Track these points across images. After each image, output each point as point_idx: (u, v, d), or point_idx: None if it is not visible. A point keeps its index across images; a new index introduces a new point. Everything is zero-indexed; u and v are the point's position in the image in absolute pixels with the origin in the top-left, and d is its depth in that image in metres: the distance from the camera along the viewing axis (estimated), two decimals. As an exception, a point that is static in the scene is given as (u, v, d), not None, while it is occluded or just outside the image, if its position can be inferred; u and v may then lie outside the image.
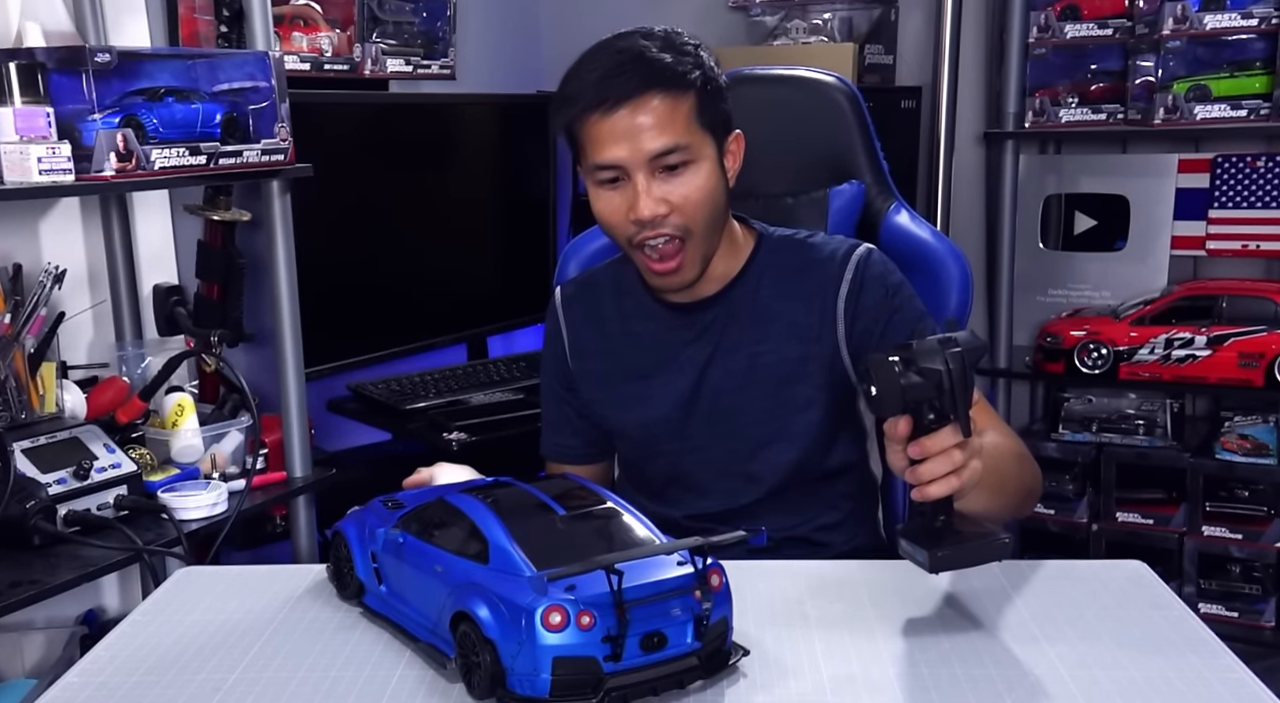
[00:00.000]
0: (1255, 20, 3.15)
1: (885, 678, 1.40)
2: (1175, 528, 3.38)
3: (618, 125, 1.85)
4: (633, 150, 1.85)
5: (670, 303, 2.08)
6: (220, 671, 1.48)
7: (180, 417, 2.51)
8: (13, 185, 2.03)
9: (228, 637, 1.58)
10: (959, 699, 1.35)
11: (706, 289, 2.04)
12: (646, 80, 1.84)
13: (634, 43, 1.88)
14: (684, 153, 1.87)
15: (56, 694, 1.43)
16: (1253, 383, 3.12)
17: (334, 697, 1.40)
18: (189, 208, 2.81)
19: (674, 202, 1.87)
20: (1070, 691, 1.36)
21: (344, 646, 1.54)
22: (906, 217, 2.32)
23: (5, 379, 2.30)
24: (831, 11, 3.72)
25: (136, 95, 2.21)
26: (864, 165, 2.36)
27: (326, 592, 1.71)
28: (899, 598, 1.64)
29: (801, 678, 1.38)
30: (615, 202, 1.89)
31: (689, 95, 1.88)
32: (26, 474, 2.18)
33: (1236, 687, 1.37)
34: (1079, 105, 3.44)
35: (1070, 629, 1.52)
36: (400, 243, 3.35)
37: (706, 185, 1.90)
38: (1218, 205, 3.42)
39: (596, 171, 1.90)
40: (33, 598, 2.03)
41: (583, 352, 2.18)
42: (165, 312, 2.81)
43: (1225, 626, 3.23)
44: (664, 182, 1.87)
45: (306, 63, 3.09)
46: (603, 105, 1.84)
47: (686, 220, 1.88)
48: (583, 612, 1.22)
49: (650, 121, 1.85)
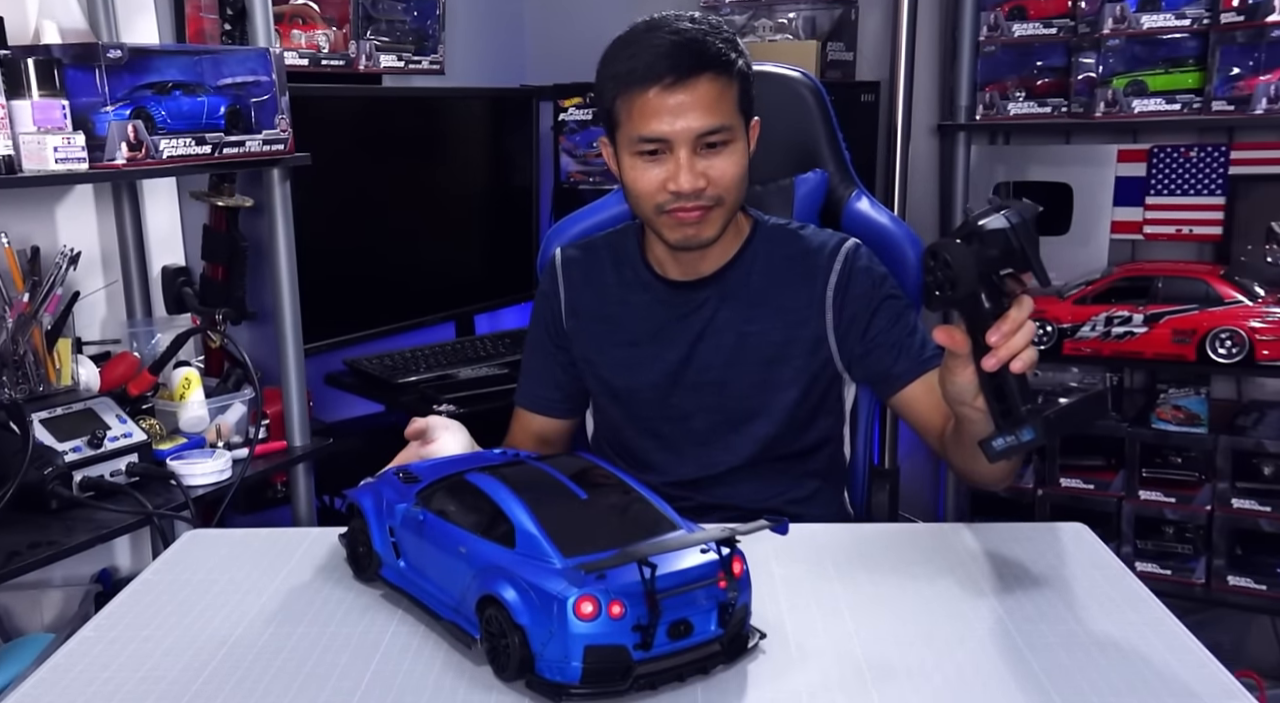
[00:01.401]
0: (1188, 20, 3.16)
1: (844, 633, 1.41)
2: (1114, 493, 3.39)
3: (670, 102, 1.86)
4: (683, 127, 1.86)
5: (667, 279, 2.10)
6: (225, 626, 1.48)
7: (187, 389, 2.50)
8: (31, 173, 2.02)
9: (232, 595, 1.57)
10: (914, 653, 1.35)
11: (703, 268, 2.06)
12: (703, 63, 1.86)
13: (685, 27, 1.89)
14: (726, 134, 1.90)
15: (73, 648, 1.43)
16: (1185, 358, 3.13)
17: (332, 650, 1.40)
18: (195, 194, 2.81)
19: (712, 176, 1.90)
20: (1016, 643, 1.37)
21: (340, 604, 1.54)
22: (867, 203, 2.32)
23: (24, 354, 2.30)
24: (796, 11, 3.71)
25: (146, 89, 2.20)
26: (827, 155, 2.36)
27: (324, 553, 1.71)
28: (861, 561, 1.64)
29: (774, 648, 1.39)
30: (654, 172, 1.91)
31: (735, 81, 1.91)
32: (44, 443, 2.18)
33: (1169, 639, 1.38)
34: (1026, 99, 3.44)
35: (1017, 586, 1.53)
36: (393, 227, 3.35)
37: (739, 164, 1.93)
38: (1154, 193, 3.43)
39: (640, 143, 1.91)
40: (50, 558, 2.03)
41: (578, 312, 2.18)
42: (173, 291, 2.80)
43: (1159, 582, 3.24)
44: (704, 158, 1.89)
45: (305, 59, 3.08)
46: (660, 82, 1.86)
47: (720, 192, 1.91)
48: (614, 601, 1.19)
49: (701, 102, 1.87)
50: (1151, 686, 1.27)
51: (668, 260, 2.08)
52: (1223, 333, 3.07)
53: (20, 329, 2.29)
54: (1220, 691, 1.26)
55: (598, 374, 2.17)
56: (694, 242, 1.97)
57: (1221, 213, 3.36)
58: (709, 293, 2.07)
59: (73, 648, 1.43)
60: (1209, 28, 3.14)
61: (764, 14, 3.74)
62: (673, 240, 1.99)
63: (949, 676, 1.30)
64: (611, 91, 1.92)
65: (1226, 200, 3.35)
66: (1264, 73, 3.09)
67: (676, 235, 1.97)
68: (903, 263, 2.22)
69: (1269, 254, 3.27)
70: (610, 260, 2.17)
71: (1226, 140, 3.35)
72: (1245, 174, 3.33)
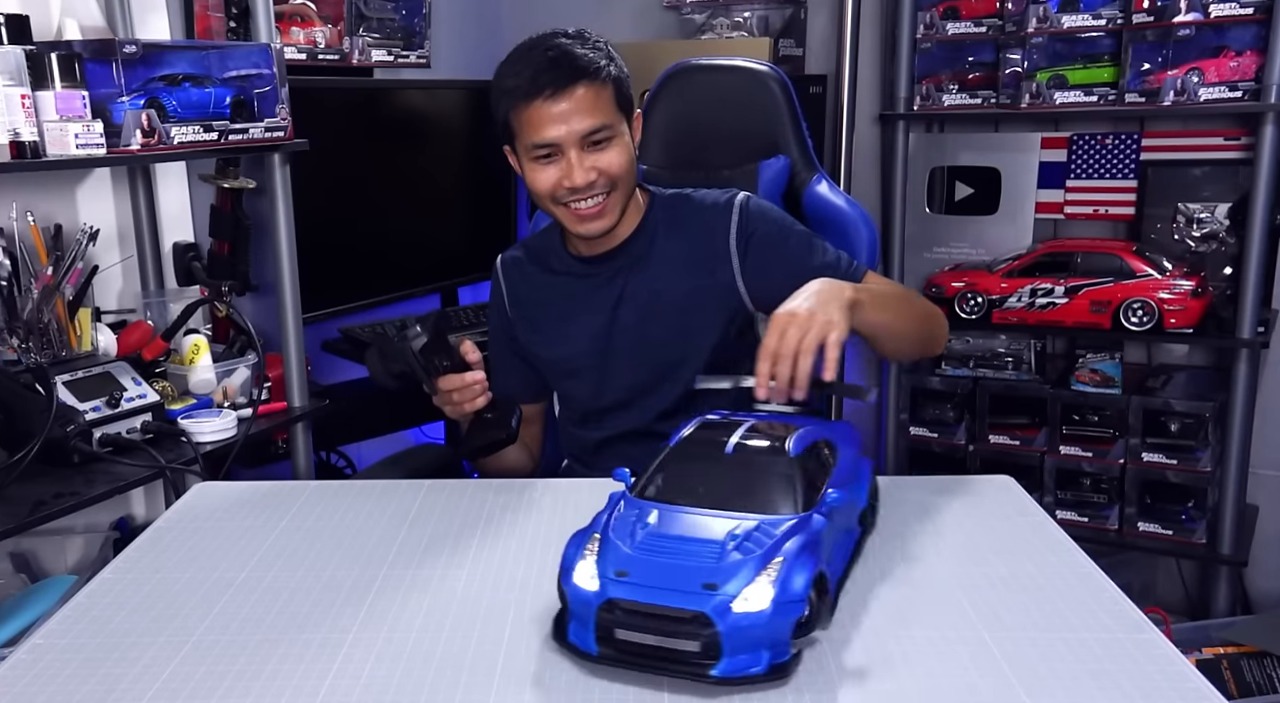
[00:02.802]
0: (1104, 21, 3.16)
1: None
2: (1038, 448, 3.40)
3: (553, 111, 1.92)
4: (567, 131, 1.92)
5: (583, 257, 2.15)
6: (232, 570, 1.48)
7: (196, 355, 2.49)
8: (54, 157, 2.01)
9: (238, 541, 1.58)
10: (858, 594, 1.36)
11: (611, 243, 2.11)
12: (575, 73, 1.92)
13: (559, 43, 1.95)
14: (607, 131, 1.96)
15: (94, 589, 1.43)
16: (1101, 326, 3.14)
17: (330, 589, 1.41)
18: (203, 177, 2.79)
19: (601, 167, 1.96)
20: (950, 585, 1.38)
21: (338, 548, 1.54)
22: (826, 187, 2.33)
23: (48, 322, 2.29)
24: (750, 10, 3.71)
25: (158, 81, 2.19)
26: (790, 142, 2.36)
27: (321, 504, 1.72)
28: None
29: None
30: (549, 172, 1.97)
31: (608, 84, 1.96)
32: (67, 403, 2.17)
33: (1085, 579, 1.39)
34: (959, 91, 3.44)
35: (950, 534, 1.54)
36: (384, 207, 3.33)
37: (624, 155, 1.99)
38: (1074, 176, 3.44)
39: (534, 150, 1.96)
40: (73, 507, 2.02)
41: (518, 301, 2.23)
42: (183, 265, 2.79)
43: (1078, 529, 3.26)
44: (591, 154, 1.95)
45: (303, 53, 3.07)
46: (540, 95, 1.91)
47: (612, 179, 1.97)
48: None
49: (581, 107, 1.93)
50: (1070, 621, 1.28)
51: (581, 243, 2.13)
52: (1135, 303, 3.09)
53: (44, 299, 2.28)
54: (1131, 625, 1.27)
55: (538, 351, 2.22)
56: (597, 231, 2.03)
57: (1134, 194, 3.37)
58: (619, 263, 2.12)
59: (93, 589, 1.43)
60: (1122, 27, 3.14)
61: (721, 13, 3.73)
62: (577, 231, 2.05)
63: (888, 609, 1.32)
64: (505, 106, 1.98)
65: (1138, 183, 3.36)
66: (1171, 68, 3.09)
67: (580, 228, 2.03)
68: (857, 240, 2.25)
69: (1176, 232, 3.29)
70: (539, 255, 2.23)
71: (1138, 129, 3.36)
72: (1155, 159, 3.34)
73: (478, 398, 1.92)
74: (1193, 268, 3.16)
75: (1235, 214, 3.19)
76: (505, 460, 2.21)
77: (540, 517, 1.66)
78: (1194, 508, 3.27)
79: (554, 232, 2.19)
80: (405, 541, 1.57)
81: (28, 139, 1.95)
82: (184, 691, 1.17)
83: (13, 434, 2.12)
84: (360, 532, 1.59)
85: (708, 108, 2.33)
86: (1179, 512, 3.28)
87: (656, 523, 1.23)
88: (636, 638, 1.14)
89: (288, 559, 1.51)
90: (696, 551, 1.17)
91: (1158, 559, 3.47)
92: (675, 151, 2.27)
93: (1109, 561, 1.59)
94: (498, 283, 2.27)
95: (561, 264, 2.18)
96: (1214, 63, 3.05)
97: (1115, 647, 1.22)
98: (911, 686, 1.15)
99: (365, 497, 1.75)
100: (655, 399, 2.12)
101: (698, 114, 2.10)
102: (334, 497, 1.75)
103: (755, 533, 1.19)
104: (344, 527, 1.62)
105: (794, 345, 1.56)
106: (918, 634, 1.25)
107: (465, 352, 1.88)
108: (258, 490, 1.81)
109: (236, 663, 1.22)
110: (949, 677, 1.16)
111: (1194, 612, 3.43)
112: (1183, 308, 3.05)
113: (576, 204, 1.98)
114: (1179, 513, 3.28)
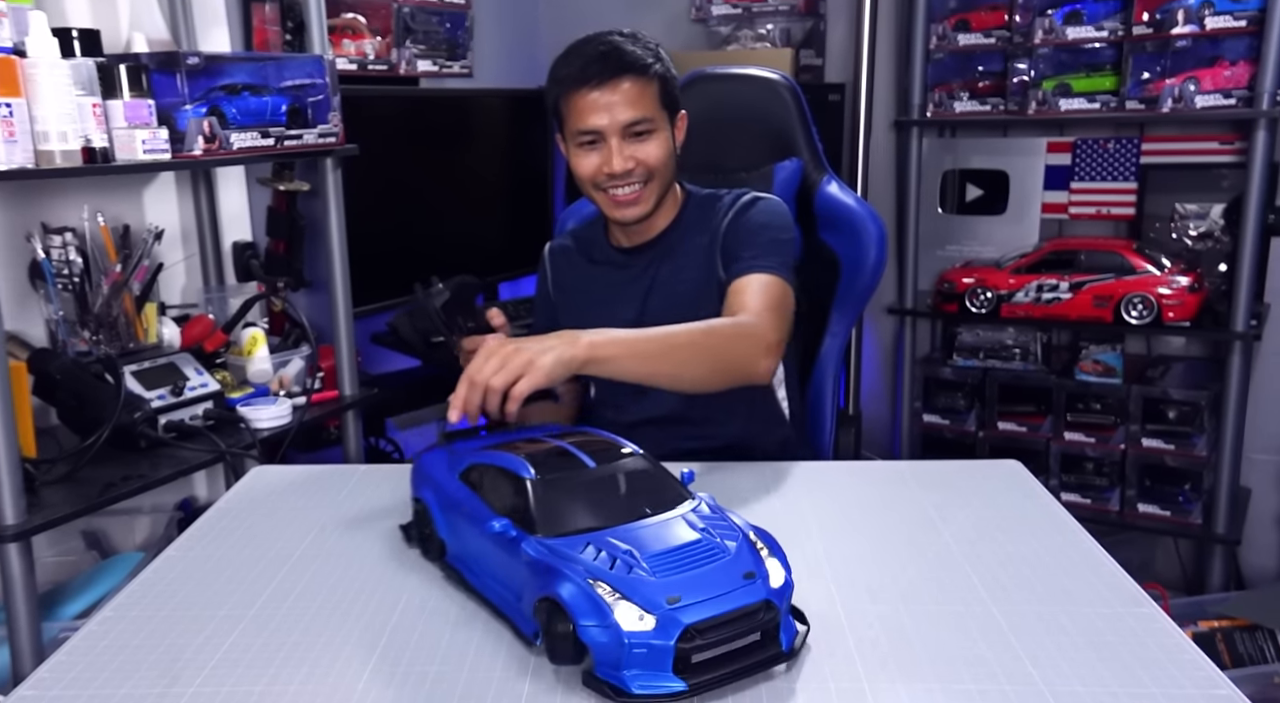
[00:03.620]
0: (1106, 32, 3.16)
1: (814, 553, 1.41)
2: (1043, 435, 3.40)
3: (599, 101, 1.93)
4: (610, 120, 1.93)
5: (622, 248, 2.15)
6: (288, 546, 1.48)
7: (254, 346, 2.50)
8: (123, 162, 2.02)
9: (293, 520, 1.58)
10: (874, 569, 1.36)
11: (647, 236, 2.12)
12: (622, 67, 1.93)
13: (612, 39, 1.96)
14: (648, 124, 1.96)
15: (160, 564, 1.44)
16: (1104, 319, 3.13)
17: (379, 564, 1.41)
18: (261, 180, 2.80)
19: (639, 158, 1.96)
20: (960, 563, 1.37)
21: (385, 526, 1.54)
22: (836, 187, 2.32)
23: (117, 316, 2.30)
24: (773, 23, 3.70)
25: (219, 90, 2.19)
26: (803, 145, 2.35)
27: (370, 486, 1.73)
28: (827, 493, 1.65)
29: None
30: (592, 159, 1.98)
31: (654, 81, 1.97)
32: (134, 391, 2.19)
33: (1088, 557, 1.39)
34: (969, 99, 3.43)
35: (960, 515, 1.53)
36: (429, 207, 3.34)
37: (663, 149, 1.99)
38: (1077, 179, 3.42)
39: (579, 136, 1.98)
40: (140, 488, 2.04)
41: (562, 287, 2.24)
42: (242, 263, 2.80)
43: (1081, 510, 3.24)
44: (631, 144, 1.96)
45: (354, 64, 3.07)
46: (588, 84, 1.93)
47: (648, 170, 1.98)
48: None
49: (625, 99, 1.93)
50: (1073, 596, 1.27)
51: (621, 234, 2.14)
52: (1135, 298, 3.08)
53: (114, 295, 2.29)
54: (1130, 600, 1.26)
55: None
56: (631, 217, 2.03)
57: (1134, 196, 3.36)
58: (651, 255, 2.12)
59: (159, 565, 1.44)
60: (1123, 38, 3.14)
61: (746, 25, 3.72)
62: (614, 217, 2.05)
63: (901, 584, 1.31)
64: (555, 93, 1.99)
65: (1138, 185, 3.35)
66: (1169, 77, 3.09)
67: (616, 213, 2.03)
68: (866, 237, 2.23)
69: (1173, 231, 3.27)
70: (583, 244, 2.23)
71: (1138, 134, 3.34)
72: (1154, 163, 3.33)
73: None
74: (1189, 265, 3.15)
75: (1229, 214, 3.18)
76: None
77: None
78: (1190, 490, 3.26)
79: (598, 223, 2.20)
80: (449, 520, 1.57)
81: (98, 145, 1.96)
82: (244, 659, 1.17)
83: (84, 421, 2.14)
84: (406, 511, 1.59)
85: (726, 113, 2.33)
86: (1176, 494, 3.27)
87: (630, 546, 1.12)
88: (709, 655, 1.07)
89: (339, 537, 1.52)
90: (699, 552, 1.11)
91: (1156, 539, 3.46)
92: (694, 154, 2.26)
93: (1110, 540, 1.58)
94: (544, 269, 2.27)
95: (602, 254, 2.18)
96: (1209, 72, 3.05)
97: (1116, 621, 1.21)
98: (924, 655, 1.14)
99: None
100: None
101: (715, 119, 2.11)
102: (382, 479, 1.75)
103: (704, 521, 1.17)
104: (391, 507, 1.62)
105: (486, 377, 1.47)
106: (930, 608, 1.25)
107: (491, 316, 1.84)
108: (311, 473, 1.81)
109: (293, 634, 1.23)
110: (959, 647, 1.16)
111: (1190, 588, 3.42)
112: (1180, 302, 3.04)
113: (614, 190, 1.98)
114: (1176, 495, 3.27)
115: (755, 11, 3.69)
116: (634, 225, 2.08)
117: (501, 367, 1.48)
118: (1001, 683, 1.09)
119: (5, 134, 1.82)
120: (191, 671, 1.15)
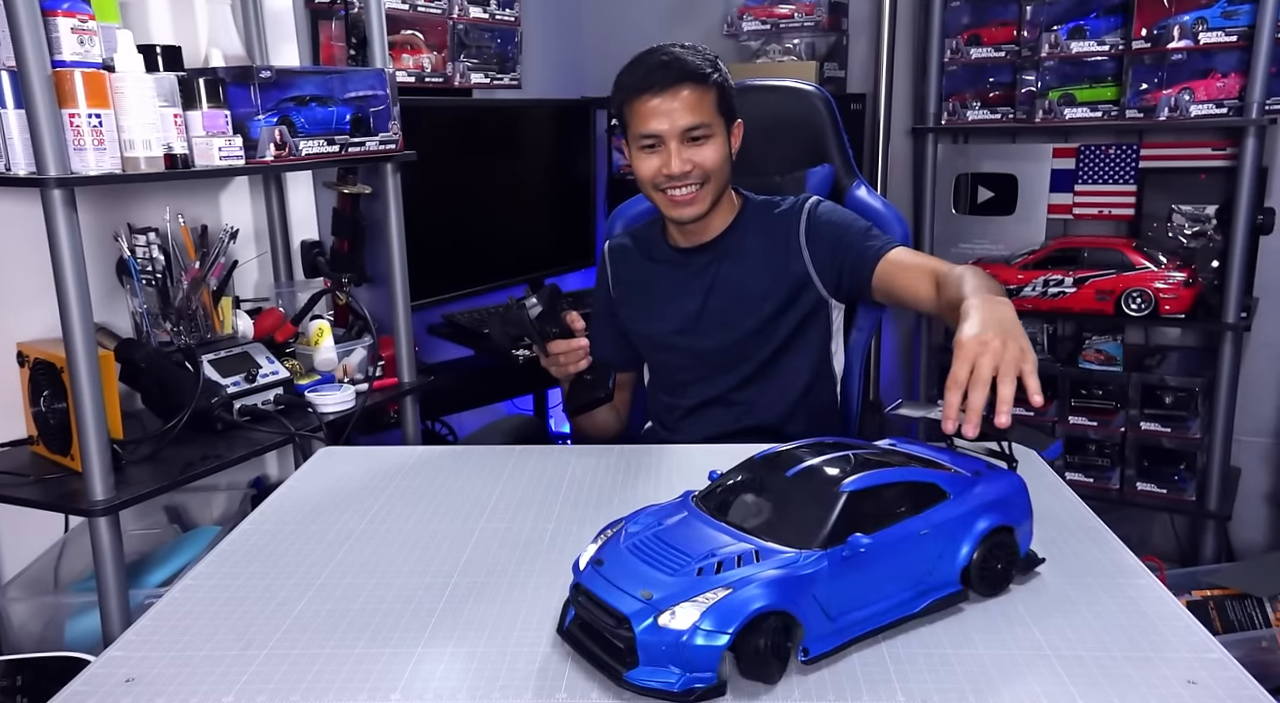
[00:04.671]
0: (1107, 46, 3.15)
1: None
2: (1050, 419, 3.38)
3: (660, 107, 1.94)
4: (670, 125, 1.94)
5: (680, 248, 2.15)
6: (351, 522, 1.49)
7: (320, 337, 2.51)
8: (201, 167, 2.03)
9: (356, 497, 1.59)
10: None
11: (707, 236, 2.12)
12: (682, 76, 1.94)
13: (673, 49, 1.97)
14: (706, 129, 1.97)
15: (235, 537, 1.45)
16: (1105, 312, 3.11)
17: (435, 539, 1.41)
18: (327, 184, 2.81)
19: (697, 161, 1.97)
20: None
21: (441, 504, 1.55)
22: (865, 191, 2.31)
23: (196, 309, 2.31)
24: (799, 38, 3.68)
25: (289, 101, 2.20)
26: (834, 152, 2.35)
27: (426, 465, 1.73)
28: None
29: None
30: (653, 161, 1.99)
31: (712, 89, 1.97)
32: (212, 378, 2.20)
33: (1091, 532, 1.39)
34: (980, 108, 3.41)
35: (971, 493, 1.53)
36: (481, 209, 3.34)
37: (719, 153, 1.99)
38: (1081, 182, 3.40)
39: (641, 139, 1.98)
40: (216, 468, 2.05)
41: (621, 282, 2.24)
42: (309, 260, 2.81)
43: (1084, 488, 3.24)
44: (689, 148, 1.96)
45: (412, 77, 3.08)
46: (650, 91, 1.94)
47: (705, 173, 1.98)
48: None
49: (684, 105, 1.94)
50: (1076, 567, 1.28)
51: (679, 235, 2.15)
52: (1134, 292, 3.05)
53: (193, 290, 2.30)
54: (1130, 571, 1.27)
55: (636, 327, 2.23)
56: (688, 217, 2.04)
57: (1133, 197, 3.33)
58: (711, 255, 2.12)
59: (234, 537, 1.45)
60: (1123, 52, 3.13)
61: (774, 39, 3.70)
62: (672, 216, 2.06)
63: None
64: (619, 100, 2.00)
65: (1137, 187, 3.32)
66: (1166, 88, 3.07)
67: (674, 213, 2.04)
68: (892, 234, 2.21)
69: (1170, 230, 3.25)
70: (643, 243, 2.24)
71: (1137, 140, 3.32)
72: (1152, 167, 3.31)
73: (580, 361, 1.91)
74: (1185, 261, 3.13)
75: (1221, 214, 3.16)
76: (597, 419, 2.23)
77: (616, 479, 1.66)
78: (1185, 470, 3.24)
79: (656, 224, 2.22)
80: (499, 498, 1.58)
81: (179, 152, 1.97)
82: (312, 625, 1.18)
83: (166, 405, 2.16)
84: (461, 490, 1.60)
85: (762, 122, 2.32)
86: (1172, 473, 3.25)
87: (669, 527, 1.12)
88: (589, 624, 1.07)
89: (399, 514, 1.52)
90: (670, 560, 1.06)
91: (1154, 514, 3.45)
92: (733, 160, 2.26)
93: (1111, 516, 1.57)
94: (604, 265, 2.28)
95: (661, 253, 2.18)
96: (1203, 83, 3.04)
97: (1116, 590, 1.21)
98: (940, 623, 1.14)
99: (465, 460, 1.76)
100: (734, 374, 2.12)
101: (753, 127, 2.10)
102: (438, 460, 1.76)
103: (739, 558, 1.04)
104: (447, 486, 1.62)
105: (987, 376, 1.29)
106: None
107: (571, 321, 1.88)
108: (373, 454, 1.82)
109: (356, 602, 1.24)
110: (972, 616, 1.15)
111: (1185, 560, 3.40)
112: (1176, 296, 3.02)
113: (672, 190, 1.99)
114: (1172, 474, 3.25)
115: (783, 27, 3.67)
116: (690, 225, 2.08)
117: (998, 361, 1.30)
118: (1010, 648, 1.09)
119: (95, 142, 1.83)
120: (265, 634, 1.16)
